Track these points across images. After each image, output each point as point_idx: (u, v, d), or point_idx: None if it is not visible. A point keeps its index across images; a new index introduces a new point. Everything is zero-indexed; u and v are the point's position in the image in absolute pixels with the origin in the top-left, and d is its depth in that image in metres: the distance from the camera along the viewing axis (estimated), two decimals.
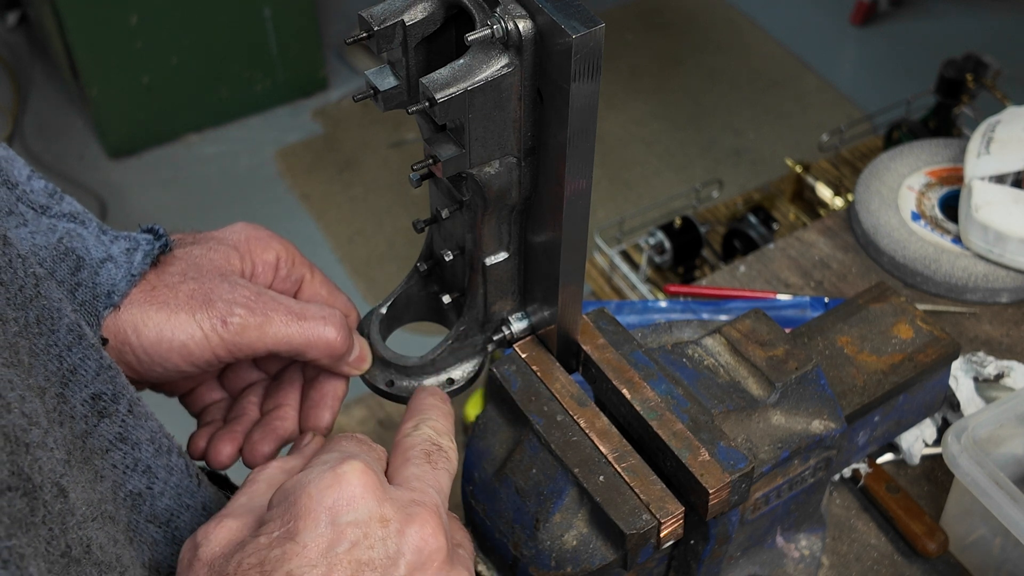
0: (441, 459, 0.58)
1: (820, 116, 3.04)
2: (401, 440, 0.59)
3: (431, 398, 0.63)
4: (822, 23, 3.41)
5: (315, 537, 0.49)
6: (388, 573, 0.49)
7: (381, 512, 0.50)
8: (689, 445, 0.64)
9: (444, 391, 0.68)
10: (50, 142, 3.00)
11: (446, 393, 0.68)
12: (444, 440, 0.60)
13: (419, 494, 0.53)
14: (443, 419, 0.62)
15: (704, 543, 0.70)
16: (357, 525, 0.49)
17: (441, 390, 0.65)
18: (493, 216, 0.61)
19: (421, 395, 0.64)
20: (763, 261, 1.25)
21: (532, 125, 0.56)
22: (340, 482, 0.50)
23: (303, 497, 0.50)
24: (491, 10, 0.52)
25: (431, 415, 0.61)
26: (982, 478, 0.84)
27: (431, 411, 0.62)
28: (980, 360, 1.04)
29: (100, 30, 2.72)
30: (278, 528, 0.49)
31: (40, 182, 0.62)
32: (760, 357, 0.71)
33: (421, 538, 0.50)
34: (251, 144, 3.02)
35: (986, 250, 1.18)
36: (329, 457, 0.53)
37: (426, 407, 0.62)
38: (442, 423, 0.61)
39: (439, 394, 0.64)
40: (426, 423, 0.60)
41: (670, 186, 2.84)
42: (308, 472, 0.51)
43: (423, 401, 0.63)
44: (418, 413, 0.62)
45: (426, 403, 0.63)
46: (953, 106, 1.64)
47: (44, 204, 0.62)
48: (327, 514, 0.49)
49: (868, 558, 0.96)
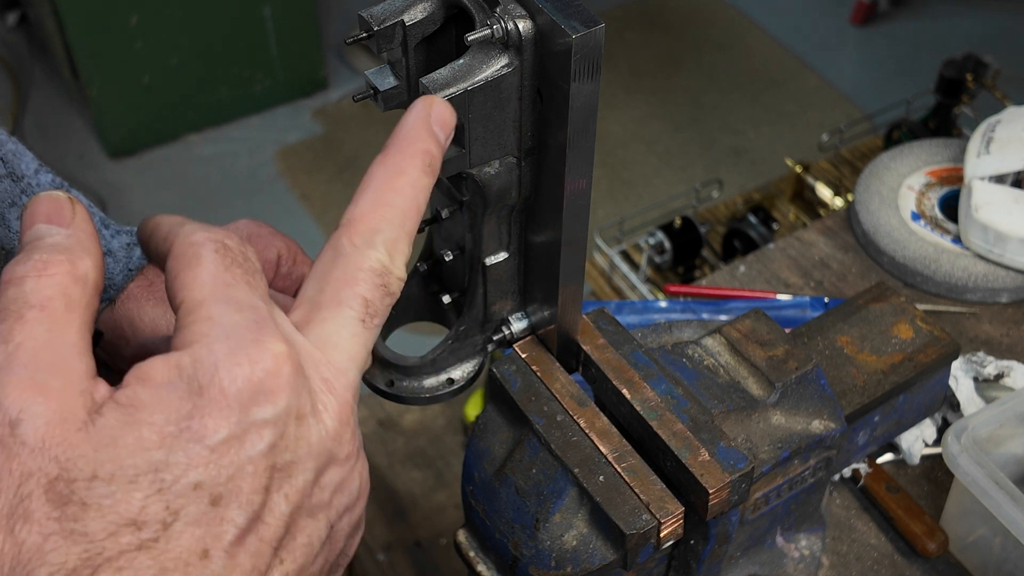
0: (379, 311, 0.46)
1: (820, 116, 3.04)
2: (339, 262, 0.45)
3: (410, 165, 0.47)
4: (822, 23, 3.41)
5: (226, 438, 0.39)
6: (300, 477, 0.42)
7: (299, 405, 0.41)
8: (689, 445, 0.64)
9: (445, 388, 0.68)
10: (50, 142, 3.00)
11: (446, 393, 0.68)
12: (393, 279, 0.46)
13: (336, 374, 0.44)
14: (404, 232, 0.47)
15: (704, 543, 0.70)
16: (275, 424, 0.40)
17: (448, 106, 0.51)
18: (493, 216, 0.61)
19: (393, 162, 0.48)
20: (763, 261, 1.25)
21: (532, 125, 0.56)
22: (257, 365, 0.40)
23: (213, 385, 0.39)
24: (491, 10, 0.52)
25: (388, 227, 0.46)
26: (982, 478, 0.84)
27: (392, 217, 0.46)
28: (980, 360, 1.04)
29: (100, 30, 2.72)
30: (173, 423, 0.39)
31: (47, 176, 0.62)
32: (760, 357, 0.71)
33: (332, 436, 0.43)
34: (251, 144, 3.02)
35: (986, 250, 1.18)
36: (236, 319, 0.41)
37: (387, 201, 0.46)
38: (403, 241, 0.47)
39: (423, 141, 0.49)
40: (380, 242, 0.46)
41: (670, 186, 2.84)
42: (211, 344, 0.40)
43: (389, 184, 0.47)
44: (375, 213, 0.46)
45: (395, 187, 0.47)
46: (953, 106, 1.64)
47: None
48: (240, 409, 0.40)
49: (868, 558, 0.96)
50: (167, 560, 0.38)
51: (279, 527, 0.41)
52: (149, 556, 0.38)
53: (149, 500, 0.38)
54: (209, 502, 0.39)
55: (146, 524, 0.38)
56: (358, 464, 0.45)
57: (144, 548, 0.38)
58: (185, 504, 0.38)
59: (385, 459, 1.19)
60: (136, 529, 0.37)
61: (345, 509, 0.44)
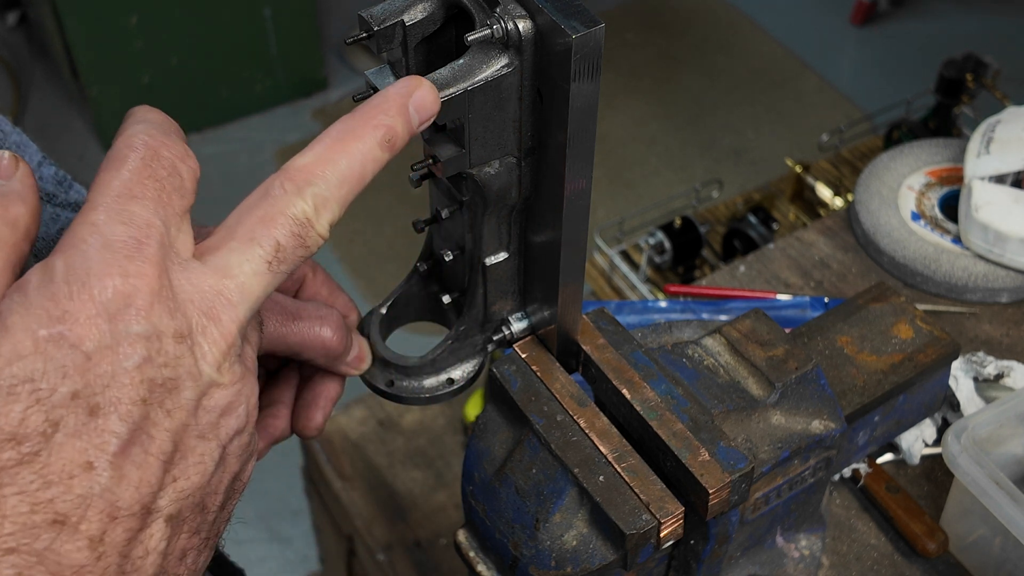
0: (289, 258, 0.45)
1: (820, 116, 3.04)
2: (264, 201, 0.45)
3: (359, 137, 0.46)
4: (822, 23, 3.41)
5: (99, 347, 0.39)
6: (181, 395, 0.42)
7: (175, 326, 0.41)
8: (689, 445, 0.64)
9: (445, 388, 0.68)
10: (50, 142, 3.00)
11: (446, 393, 0.68)
12: (313, 234, 0.45)
13: (223, 303, 0.43)
14: (339, 192, 0.46)
15: (704, 543, 0.70)
16: (147, 339, 0.40)
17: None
18: (493, 216, 0.61)
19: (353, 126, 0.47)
20: (763, 261, 1.25)
21: (532, 125, 0.56)
22: (128, 279, 0.40)
23: (84, 291, 0.39)
24: (491, 10, 0.52)
25: (324, 183, 0.45)
26: (982, 478, 0.84)
27: (331, 175, 0.46)
28: (980, 360, 1.04)
29: (100, 30, 2.72)
30: (44, 326, 0.38)
31: (51, 169, 0.61)
32: (760, 357, 0.71)
33: (211, 362, 0.42)
34: (251, 144, 3.02)
35: (986, 250, 1.18)
36: (119, 231, 0.41)
37: (332, 159, 0.46)
38: (334, 201, 0.46)
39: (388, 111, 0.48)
40: (311, 195, 0.45)
41: (670, 186, 2.84)
42: (87, 251, 0.40)
43: (341, 143, 0.46)
44: (316, 166, 0.46)
45: (345, 149, 0.46)
46: (953, 106, 1.64)
47: (51, 192, 0.61)
48: (109, 318, 0.39)
49: (868, 558, 0.96)
50: (50, 473, 0.38)
51: (165, 442, 0.41)
52: (31, 470, 0.38)
53: (29, 412, 0.38)
54: (87, 412, 0.39)
55: (27, 437, 0.38)
56: (244, 388, 0.45)
57: (25, 462, 0.38)
58: (64, 415, 0.38)
59: (385, 459, 1.19)
60: (16, 443, 0.38)
61: (235, 431, 0.45)
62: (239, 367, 0.44)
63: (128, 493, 0.40)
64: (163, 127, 0.46)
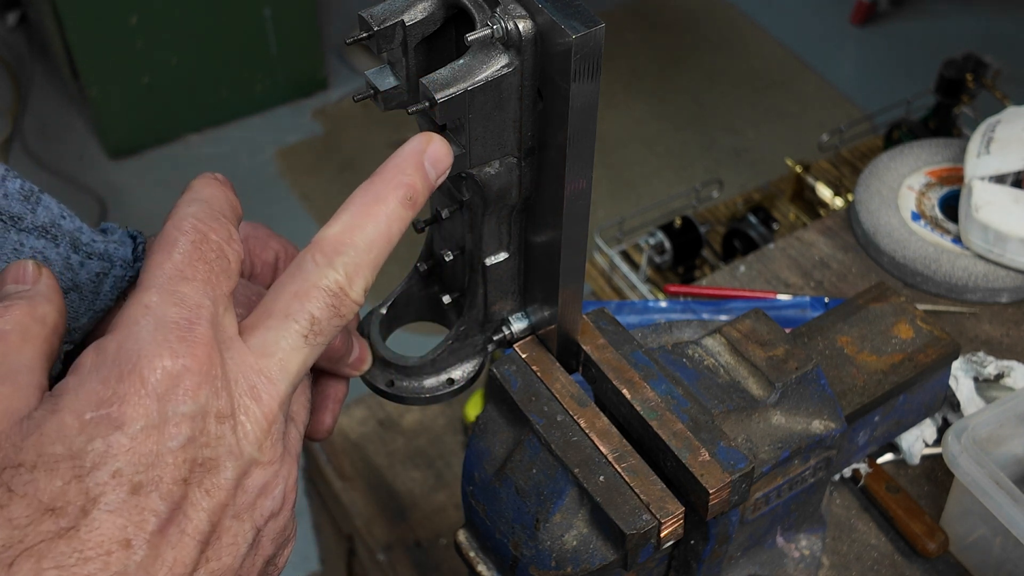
0: (325, 330, 0.46)
1: (820, 116, 3.04)
2: (298, 276, 0.46)
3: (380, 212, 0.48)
4: (822, 23, 3.41)
5: (145, 427, 0.40)
6: (221, 475, 0.42)
7: (219, 406, 0.42)
8: (689, 445, 0.64)
9: (445, 388, 0.68)
10: (50, 142, 3.00)
11: (446, 393, 0.68)
12: (348, 302, 0.46)
13: (264, 382, 0.44)
14: (369, 258, 0.47)
15: (704, 543, 0.70)
16: (192, 419, 0.41)
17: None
18: (493, 216, 0.61)
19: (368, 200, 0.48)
20: (763, 261, 1.25)
21: (532, 125, 0.56)
22: (178, 359, 0.41)
23: (134, 373, 0.40)
24: (491, 10, 0.52)
25: (353, 251, 0.47)
26: (982, 478, 0.84)
27: (360, 242, 0.47)
28: (980, 360, 1.04)
29: (100, 30, 2.72)
30: (92, 408, 0.40)
31: (15, 183, 0.56)
32: (760, 357, 0.71)
33: (253, 441, 0.43)
34: (251, 144, 3.02)
35: (986, 250, 1.18)
36: (171, 312, 0.42)
37: (358, 226, 0.47)
38: (366, 267, 0.47)
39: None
40: (341, 264, 0.46)
41: (670, 186, 2.84)
42: (137, 331, 0.41)
43: (365, 209, 0.48)
44: (344, 235, 0.47)
45: (370, 213, 0.48)
46: (953, 106, 1.64)
47: (17, 213, 0.56)
48: (158, 399, 0.40)
49: (868, 558, 0.96)
50: (88, 548, 0.39)
51: (202, 522, 0.41)
52: (68, 544, 0.38)
53: (68, 486, 0.38)
54: (129, 490, 0.39)
55: (64, 511, 0.38)
56: (282, 470, 0.45)
57: (63, 536, 0.38)
58: (104, 491, 0.39)
59: (385, 459, 1.19)
60: (55, 516, 0.38)
61: (271, 514, 0.45)
62: (280, 446, 0.45)
63: (162, 572, 0.40)
64: (212, 209, 0.47)
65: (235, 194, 0.51)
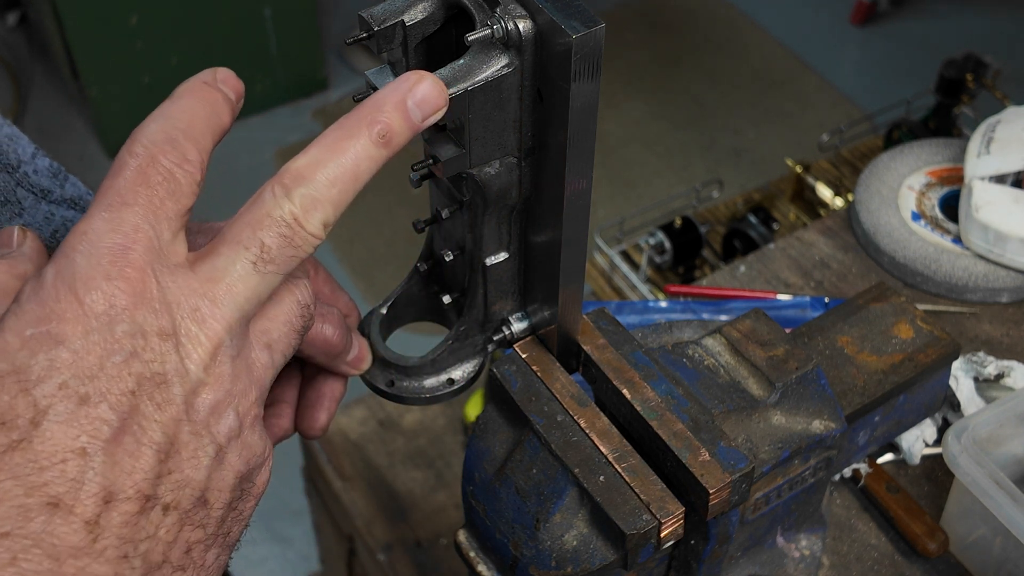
0: (277, 259, 0.46)
1: (820, 116, 3.04)
2: (254, 206, 0.46)
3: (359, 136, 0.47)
4: (822, 23, 3.41)
5: (85, 343, 0.41)
6: (170, 390, 0.43)
7: (160, 325, 0.43)
8: (689, 445, 0.64)
9: (445, 388, 0.68)
10: (50, 142, 3.00)
11: (446, 393, 0.68)
12: (303, 233, 0.46)
13: (209, 305, 0.45)
14: (331, 192, 0.46)
15: (704, 543, 0.70)
16: (133, 336, 0.42)
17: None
18: (493, 216, 0.61)
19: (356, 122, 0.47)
20: (763, 261, 1.25)
21: (532, 125, 0.56)
22: (111, 282, 0.42)
23: (70, 294, 0.41)
24: (491, 10, 0.52)
25: (313, 184, 0.46)
26: (982, 478, 0.84)
27: (322, 176, 0.46)
28: (980, 360, 1.04)
29: (100, 30, 2.72)
30: (32, 326, 0.41)
31: (45, 160, 0.62)
32: (760, 357, 0.71)
33: (197, 361, 0.44)
34: (251, 144, 3.02)
35: (986, 250, 1.18)
36: (108, 238, 0.43)
37: (324, 160, 0.46)
38: (326, 201, 0.46)
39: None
40: (298, 195, 0.46)
41: (670, 186, 2.84)
42: (74, 257, 0.42)
43: (334, 144, 0.47)
44: (307, 168, 0.46)
45: (338, 148, 0.47)
46: (953, 106, 1.64)
47: (46, 188, 0.61)
48: (95, 317, 0.41)
49: (868, 558, 0.96)
50: (43, 458, 0.40)
51: (156, 434, 0.42)
52: (23, 455, 0.39)
53: (15, 400, 0.40)
54: (77, 402, 0.41)
55: (15, 424, 0.40)
56: (234, 389, 0.46)
57: (16, 447, 0.39)
58: (52, 403, 0.40)
59: (385, 459, 1.19)
60: (6, 429, 0.39)
61: (230, 431, 0.46)
62: (228, 368, 0.45)
63: (122, 478, 0.41)
64: (172, 128, 0.46)
65: (232, 93, 0.52)
